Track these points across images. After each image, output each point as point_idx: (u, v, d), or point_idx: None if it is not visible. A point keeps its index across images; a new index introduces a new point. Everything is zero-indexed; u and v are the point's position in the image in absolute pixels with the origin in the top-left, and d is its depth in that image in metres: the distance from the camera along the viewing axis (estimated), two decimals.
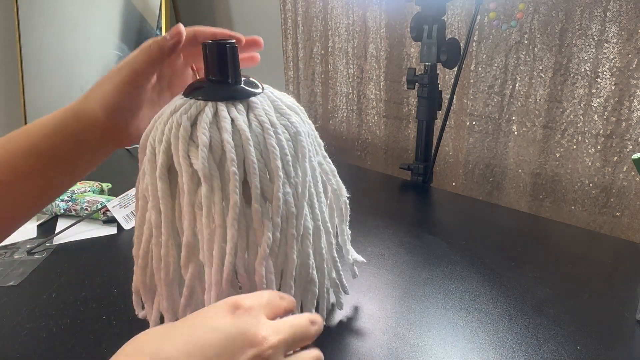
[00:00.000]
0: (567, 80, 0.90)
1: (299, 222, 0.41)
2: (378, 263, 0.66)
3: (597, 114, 0.87)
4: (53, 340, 0.50)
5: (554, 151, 0.94)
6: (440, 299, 0.58)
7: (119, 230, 0.76)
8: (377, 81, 1.21)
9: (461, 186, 1.10)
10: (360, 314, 0.55)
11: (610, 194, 0.89)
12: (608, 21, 0.83)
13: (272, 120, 0.40)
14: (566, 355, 0.48)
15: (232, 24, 1.70)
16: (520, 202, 1.01)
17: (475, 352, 0.48)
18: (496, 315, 0.54)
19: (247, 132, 0.38)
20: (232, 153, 0.37)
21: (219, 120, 0.38)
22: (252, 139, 0.38)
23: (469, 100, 1.04)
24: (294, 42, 1.39)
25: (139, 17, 1.75)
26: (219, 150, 0.38)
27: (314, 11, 1.31)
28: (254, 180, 0.38)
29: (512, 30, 0.94)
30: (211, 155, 0.37)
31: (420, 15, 0.90)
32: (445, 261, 0.66)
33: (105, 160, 0.49)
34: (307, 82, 1.39)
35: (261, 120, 0.39)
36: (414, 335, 0.51)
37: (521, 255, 0.68)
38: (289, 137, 0.41)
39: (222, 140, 0.37)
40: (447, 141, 1.11)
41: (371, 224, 0.78)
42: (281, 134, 0.40)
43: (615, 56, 0.83)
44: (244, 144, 0.38)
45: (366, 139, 1.28)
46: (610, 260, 0.68)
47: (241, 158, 0.38)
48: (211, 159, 0.37)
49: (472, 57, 1.01)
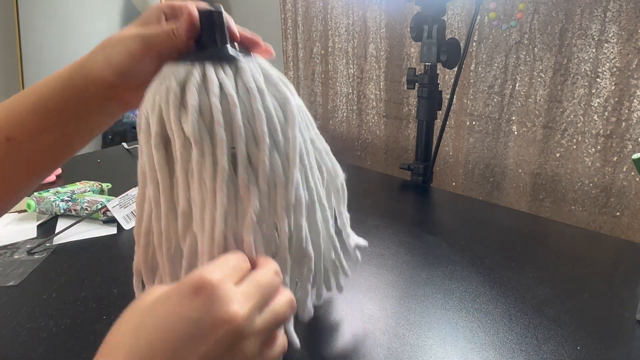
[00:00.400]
0: (567, 80, 0.90)
1: (288, 191, 0.40)
2: (378, 263, 0.66)
3: (597, 114, 0.87)
4: (53, 340, 0.50)
5: (554, 151, 0.94)
6: (440, 299, 0.58)
7: (119, 230, 0.76)
8: (377, 81, 1.21)
9: (461, 186, 1.10)
10: (360, 314, 0.55)
11: (610, 194, 0.89)
12: (608, 21, 0.83)
13: (259, 86, 0.39)
14: (566, 355, 0.48)
15: None
16: (520, 202, 1.01)
17: (475, 352, 0.48)
18: (496, 315, 0.54)
19: (235, 97, 0.37)
20: (219, 117, 0.36)
21: (207, 83, 0.37)
22: (240, 104, 0.37)
23: (469, 100, 1.04)
24: (294, 42, 1.39)
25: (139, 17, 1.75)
26: (208, 115, 0.37)
27: (314, 11, 1.31)
28: (240, 145, 0.37)
29: (512, 30, 0.94)
30: (201, 120, 0.37)
31: (420, 15, 0.90)
32: (445, 261, 0.66)
33: (105, 160, 0.49)
34: (307, 82, 1.39)
35: (249, 85, 0.38)
36: (414, 335, 0.51)
37: (521, 255, 0.68)
38: (277, 105, 0.40)
39: (210, 104, 0.37)
40: (447, 141, 1.11)
41: (371, 224, 0.78)
42: (268, 100, 0.39)
43: (615, 56, 0.83)
44: (231, 109, 0.37)
45: (366, 139, 1.28)
46: (610, 260, 0.68)
47: (229, 122, 0.37)
48: (202, 123, 0.37)
49: (472, 57, 1.01)
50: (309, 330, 0.53)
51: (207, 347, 0.27)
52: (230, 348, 0.28)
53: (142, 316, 0.29)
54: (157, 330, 0.28)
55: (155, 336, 0.27)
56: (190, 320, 0.27)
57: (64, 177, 1.01)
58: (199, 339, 0.27)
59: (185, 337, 0.27)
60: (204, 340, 0.27)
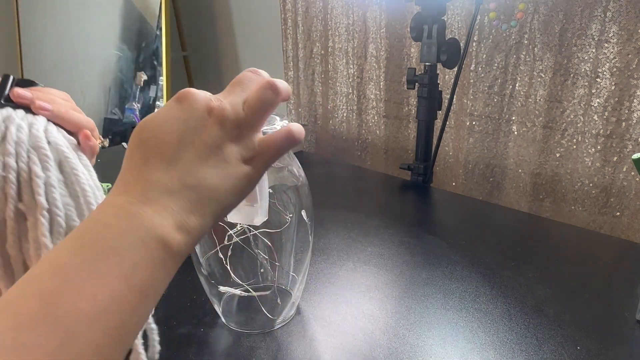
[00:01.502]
0: (567, 80, 0.90)
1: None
2: (378, 263, 0.66)
3: (597, 114, 0.87)
4: None
5: (554, 151, 0.94)
6: (440, 299, 0.58)
7: None
8: (377, 81, 1.21)
9: (461, 186, 1.10)
10: (360, 314, 0.55)
11: (610, 194, 0.89)
12: (608, 21, 0.83)
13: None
14: (566, 355, 0.48)
15: (232, 24, 1.70)
16: (520, 202, 1.01)
17: (475, 352, 0.48)
18: (496, 315, 0.54)
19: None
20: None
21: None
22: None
23: (469, 100, 1.04)
24: (294, 42, 1.39)
25: (139, 17, 1.75)
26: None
27: (314, 11, 1.31)
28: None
29: (512, 30, 0.94)
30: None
31: (420, 15, 0.90)
32: (445, 261, 0.66)
33: (105, 160, 0.49)
34: (307, 82, 1.39)
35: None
36: (414, 335, 0.51)
37: (521, 255, 0.68)
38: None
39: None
40: (447, 141, 1.11)
41: (371, 224, 0.78)
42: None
43: (615, 56, 0.83)
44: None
45: (366, 139, 1.28)
46: (610, 260, 0.68)
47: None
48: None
49: (472, 57, 1.01)
50: (309, 330, 0.53)
51: (199, 140, 0.30)
52: (221, 135, 0.31)
53: (141, 132, 0.31)
54: (155, 136, 0.30)
55: (154, 142, 0.30)
56: (179, 120, 0.30)
57: None
58: (194, 131, 0.30)
59: (181, 136, 0.30)
60: (195, 132, 0.30)
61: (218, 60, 1.81)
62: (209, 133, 0.30)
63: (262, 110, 0.33)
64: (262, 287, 0.55)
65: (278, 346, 0.51)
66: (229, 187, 0.31)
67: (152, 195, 0.29)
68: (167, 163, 0.29)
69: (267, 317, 0.53)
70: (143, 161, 0.30)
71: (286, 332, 0.53)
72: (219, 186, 0.30)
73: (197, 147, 0.30)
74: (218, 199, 0.31)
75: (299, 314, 0.56)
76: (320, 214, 0.80)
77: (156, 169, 0.29)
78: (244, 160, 0.32)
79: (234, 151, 0.31)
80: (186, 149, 0.30)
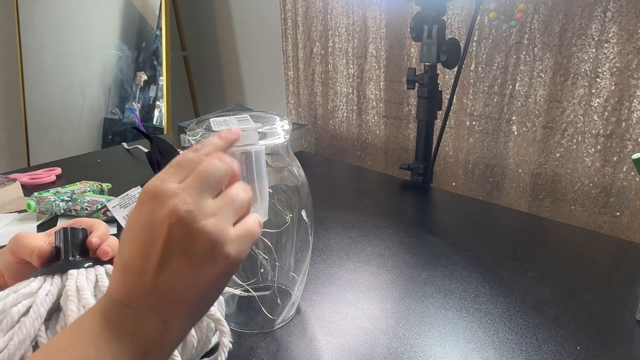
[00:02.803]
0: (567, 80, 0.90)
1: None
2: (378, 263, 0.66)
3: (597, 114, 0.87)
4: None
5: (554, 151, 0.94)
6: (440, 299, 0.58)
7: (119, 230, 0.76)
8: (377, 81, 1.21)
9: (461, 186, 1.10)
10: (360, 314, 0.55)
11: (610, 194, 0.89)
12: (608, 21, 0.83)
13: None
14: (566, 355, 0.48)
15: (232, 24, 1.70)
16: (520, 202, 1.01)
17: (475, 352, 0.48)
18: (496, 315, 0.54)
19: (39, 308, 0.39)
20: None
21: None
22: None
23: (469, 100, 1.04)
24: (294, 42, 1.39)
25: (139, 17, 1.75)
26: None
27: (314, 11, 1.31)
28: None
29: (512, 30, 0.94)
30: None
31: (420, 15, 0.90)
32: (445, 261, 0.66)
33: (105, 160, 0.49)
34: (307, 82, 1.39)
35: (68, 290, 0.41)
36: (414, 335, 0.51)
37: (521, 255, 0.68)
38: None
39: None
40: (447, 141, 1.11)
41: (371, 224, 0.78)
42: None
43: (615, 56, 0.83)
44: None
45: (366, 139, 1.28)
46: (610, 260, 0.68)
47: None
48: None
49: (472, 57, 1.01)
50: (309, 330, 0.53)
51: (166, 240, 0.30)
52: (188, 232, 0.30)
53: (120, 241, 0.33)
54: (129, 244, 0.31)
55: (129, 251, 0.31)
56: (144, 225, 0.31)
57: (64, 177, 1.01)
58: (155, 234, 0.30)
59: (145, 241, 0.30)
60: (160, 233, 0.30)
61: (218, 60, 1.81)
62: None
63: (234, 206, 0.33)
64: (262, 287, 0.55)
65: (278, 346, 0.51)
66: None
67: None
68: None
69: (267, 317, 0.53)
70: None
71: (286, 332, 0.53)
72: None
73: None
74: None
75: (299, 314, 0.56)
76: (320, 214, 0.80)
77: None
78: None
79: None
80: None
